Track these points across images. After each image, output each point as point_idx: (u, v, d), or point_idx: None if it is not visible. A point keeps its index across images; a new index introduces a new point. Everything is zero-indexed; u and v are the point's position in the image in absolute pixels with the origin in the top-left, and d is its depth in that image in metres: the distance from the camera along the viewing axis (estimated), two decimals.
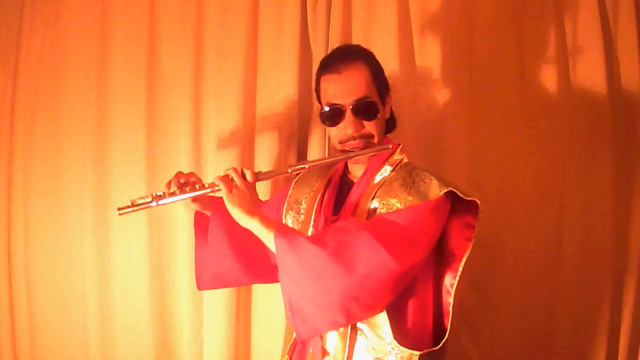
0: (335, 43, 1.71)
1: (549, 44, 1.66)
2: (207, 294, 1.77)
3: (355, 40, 1.70)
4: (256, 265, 1.39)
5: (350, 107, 1.19)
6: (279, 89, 1.74)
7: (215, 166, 1.75)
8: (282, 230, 1.12)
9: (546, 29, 1.67)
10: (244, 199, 1.13)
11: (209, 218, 1.37)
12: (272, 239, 1.09)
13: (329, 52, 1.29)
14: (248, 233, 1.24)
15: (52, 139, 1.97)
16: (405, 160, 1.25)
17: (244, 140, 1.76)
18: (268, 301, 1.76)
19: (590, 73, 1.65)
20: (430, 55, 1.67)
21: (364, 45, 1.29)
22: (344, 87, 1.19)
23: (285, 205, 1.37)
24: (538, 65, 1.67)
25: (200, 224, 1.42)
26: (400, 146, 1.27)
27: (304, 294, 1.08)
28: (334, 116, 1.20)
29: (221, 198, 1.16)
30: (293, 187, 1.40)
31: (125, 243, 1.87)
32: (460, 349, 1.65)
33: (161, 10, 1.86)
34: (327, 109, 1.21)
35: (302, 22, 1.74)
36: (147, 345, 1.84)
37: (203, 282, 1.43)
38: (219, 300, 1.74)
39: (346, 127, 1.20)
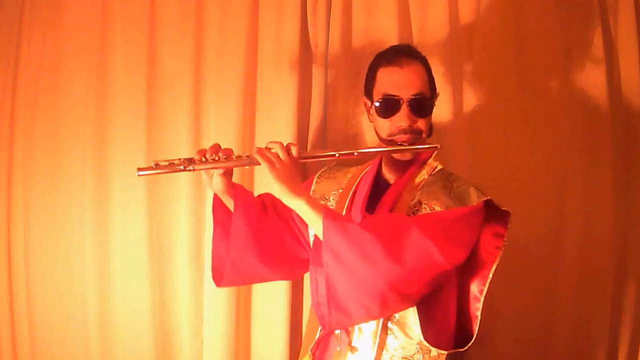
0: (335, 43, 1.72)
1: (550, 45, 1.66)
2: (207, 294, 1.77)
3: (355, 40, 1.70)
4: (277, 257, 1.36)
5: (408, 100, 1.20)
6: (279, 89, 1.74)
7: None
8: (331, 213, 1.12)
9: (546, 28, 1.67)
10: (290, 175, 1.11)
11: (227, 209, 1.32)
12: (319, 220, 1.08)
13: (387, 48, 1.30)
14: (268, 223, 1.26)
15: (52, 139, 1.96)
16: (440, 167, 1.28)
17: (244, 140, 1.76)
18: (268, 301, 1.75)
19: (590, 72, 1.65)
20: (430, 55, 1.65)
21: (364, 45, 1.29)
22: (404, 81, 1.21)
23: None
24: (539, 66, 1.68)
25: (219, 213, 1.36)
26: (435, 153, 1.28)
27: (348, 277, 1.07)
28: (389, 108, 1.21)
29: (241, 185, 1.14)
30: (316, 182, 1.40)
31: (126, 243, 1.87)
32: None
33: (161, 10, 1.86)
34: (382, 99, 1.22)
35: (302, 22, 1.74)
36: (147, 345, 1.84)
37: (224, 275, 1.34)
38: (219, 300, 1.74)
39: (400, 120, 1.20)
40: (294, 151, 1.15)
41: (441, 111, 1.64)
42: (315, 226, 1.11)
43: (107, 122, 1.89)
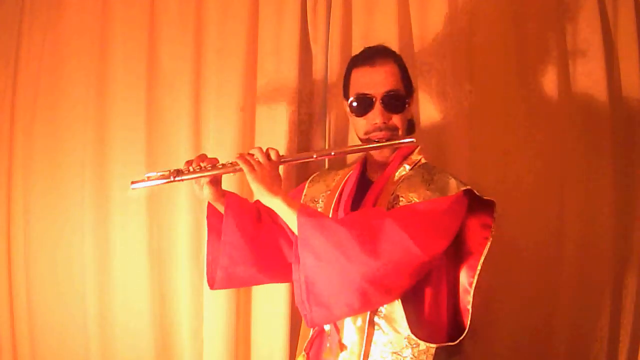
0: (335, 43, 1.72)
1: (550, 45, 1.66)
2: (207, 294, 1.77)
3: (355, 41, 1.71)
4: (271, 262, 1.38)
5: (380, 97, 1.22)
6: (279, 89, 1.74)
7: None
8: (305, 209, 1.14)
9: (547, 30, 1.67)
10: (267, 177, 1.14)
11: (221, 215, 1.33)
12: (295, 217, 1.10)
13: (362, 50, 1.33)
14: (262, 229, 1.27)
15: (52, 139, 1.97)
16: (423, 160, 1.29)
17: (244, 141, 1.76)
18: (268, 301, 1.76)
19: (590, 72, 1.65)
20: (430, 55, 1.67)
21: (364, 45, 1.30)
22: (375, 79, 1.23)
23: None
24: (539, 66, 1.67)
25: (213, 219, 1.38)
26: (419, 147, 1.30)
27: (325, 272, 1.09)
28: (363, 106, 1.24)
29: (234, 193, 1.15)
30: (308, 186, 1.43)
31: (125, 243, 1.87)
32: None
33: (161, 10, 1.86)
34: (356, 98, 1.25)
35: (302, 22, 1.74)
36: (147, 345, 1.84)
37: (216, 280, 1.36)
38: (219, 300, 1.74)
39: (375, 117, 1.23)
40: (272, 155, 1.18)
41: (441, 111, 1.64)
42: (292, 224, 1.13)
43: (107, 122, 1.89)
